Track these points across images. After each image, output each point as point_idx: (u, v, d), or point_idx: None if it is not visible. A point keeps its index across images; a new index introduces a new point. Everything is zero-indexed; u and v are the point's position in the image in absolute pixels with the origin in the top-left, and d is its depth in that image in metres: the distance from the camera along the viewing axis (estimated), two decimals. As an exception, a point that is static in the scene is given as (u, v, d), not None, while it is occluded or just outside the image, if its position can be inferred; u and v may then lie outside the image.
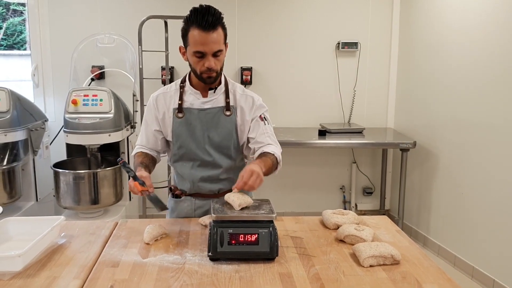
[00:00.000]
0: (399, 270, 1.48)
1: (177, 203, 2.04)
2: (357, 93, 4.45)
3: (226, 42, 1.81)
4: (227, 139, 1.91)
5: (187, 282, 1.37)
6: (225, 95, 1.92)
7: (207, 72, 1.77)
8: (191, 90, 1.91)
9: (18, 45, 6.94)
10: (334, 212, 1.88)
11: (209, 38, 1.70)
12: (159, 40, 3.79)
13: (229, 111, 1.91)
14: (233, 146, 1.93)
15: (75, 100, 3.33)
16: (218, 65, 1.78)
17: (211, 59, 1.75)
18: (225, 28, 1.78)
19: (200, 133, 1.90)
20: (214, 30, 1.70)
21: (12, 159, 3.44)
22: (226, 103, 1.91)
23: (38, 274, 1.41)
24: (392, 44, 4.40)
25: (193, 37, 1.72)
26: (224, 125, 1.90)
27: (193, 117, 1.89)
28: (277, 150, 1.90)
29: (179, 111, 1.90)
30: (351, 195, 4.59)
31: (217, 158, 1.92)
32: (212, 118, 1.89)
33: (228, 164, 1.94)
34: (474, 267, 3.28)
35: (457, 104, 3.46)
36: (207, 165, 1.93)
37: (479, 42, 3.21)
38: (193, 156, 1.93)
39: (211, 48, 1.73)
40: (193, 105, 1.90)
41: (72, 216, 3.42)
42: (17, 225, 1.68)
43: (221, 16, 1.74)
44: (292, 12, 4.32)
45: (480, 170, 3.23)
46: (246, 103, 1.94)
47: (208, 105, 1.91)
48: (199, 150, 1.91)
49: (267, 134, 1.93)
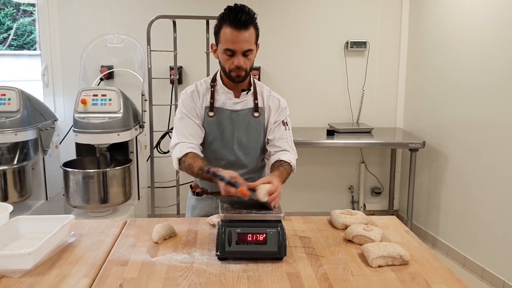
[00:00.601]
0: (407, 270, 1.47)
1: (198, 201, 2.05)
2: (366, 93, 4.43)
3: (258, 42, 1.82)
4: (255, 140, 1.93)
5: (195, 281, 1.38)
6: (253, 96, 1.93)
7: (236, 70, 1.79)
8: (223, 89, 1.92)
9: (28, 45, 6.99)
10: (342, 212, 1.88)
11: (240, 36, 1.72)
12: (167, 40, 3.80)
13: (258, 112, 1.92)
14: (259, 148, 1.96)
15: (84, 100, 3.35)
16: (247, 64, 1.80)
17: (241, 57, 1.76)
18: (258, 28, 1.79)
19: (229, 134, 1.91)
20: (246, 29, 1.72)
21: (22, 158, 3.47)
22: (254, 105, 1.93)
23: (48, 272, 1.42)
24: (401, 43, 4.38)
25: (225, 35, 1.74)
26: (253, 127, 1.92)
27: (225, 117, 1.90)
28: (293, 158, 1.92)
29: (210, 110, 1.90)
30: (360, 195, 4.57)
31: (243, 158, 1.94)
32: (242, 120, 1.91)
33: (252, 165, 1.97)
34: (484, 268, 3.25)
35: (467, 103, 3.43)
36: (232, 165, 1.93)
37: (489, 40, 3.19)
38: (219, 156, 1.93)
39: (242, 46, 1.74)
40: (225, 105, 1.91)
41: (81, 215, 3.44)
42: (27, 224, 1.69)
43: (255, 16, 1.76)
44: (300, 12, 4.31)
45: (490, 170, 3.20)
46: (273, 105, 1.96)
47: (239, 106, 1.92)
48: (226, 150, 1.92)
49: (285, 140, 1.95)
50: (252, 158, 1.95)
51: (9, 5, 6.81)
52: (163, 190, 4.17)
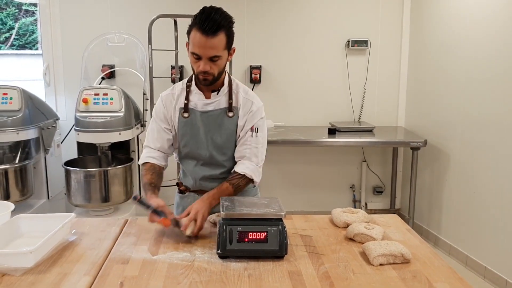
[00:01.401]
0: (409, 269, 1.46)
1: (182, 198, 2.09)
2: (367, 92, 4.42)
3: (233, 47, 1.80)
4: (230, 140, 1.93)
5: (196, 279, 1.37)
6: (228, 96, 1.92)
7: (203, 74, 1.77)
8: (196, 90, 1.92)
9: (30, 45, 7.01)
10: (343, 211, 1.87)
11: (208, 42, 1.69)
12: (168, 39, 3.80)
13: (232, 112, 1.90)
14: (235, 147, 1.95)
15: (86, 99, 3.35)
16: (214, 69, 1.77)
17: (207, 62, 1.74)
18: (231, 34, 1.75)
19: (203, 135, 1.91)
20: (215, 35, 1.68)
21: (24, 157, 3.48)
22: (228, 104, 1.91)
23: (49, 270, 1.43)
24: (403, 41, 4.37)
25: (193, 38, 1.72)
26: (227, 127, 1.91)
27: (197, 119, 1.91)
28: (249, 167, 1.89)
29: (185, 111, 1.91)
30: (361, 194, 4.57)
31: (219, 158, 1.94)
32: (214, 120, 1.90)
33: (230, 164, 1.96)
34: (486, 267, 3.25)
35: (469, 102, 3.43)
36: (209, 164, 1.95)
37: (491, 38, 3.18)
38: (196, 156, 1.95)
39: (207, 52, 1.72)
40: (197, 106, 1.91)
41: (83, 213, 3.45)
42: (29, 222, 1.69)
43: (229, 21, 1.73)
44: (301, 10, 4.31)
45: (492, 168, 3.20)
46: (245, 107, 1.92)
47: (210, 107, 1.91)
48: (202, 150, 1.93)
49: (249, 146, 1.91)
50: (228, 157, 1.94)
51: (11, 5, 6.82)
52: (164, 189, 4.10)
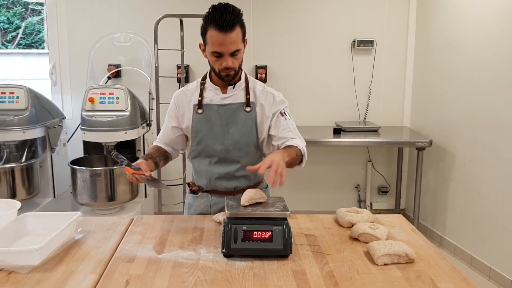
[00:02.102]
0: (413, 268, 1.47)
1: (194, 199, 2.06)
2: (373, 92, 4.42)
3: (245, 38, 1.82)
4: (247, 135, 1.92)
5: (201, 278, 1.38)
6: (245, 91, 1.93)
7: (225, 70, 1.79)
8: (211, 87, 1.93)
9: (36, 44, 7.05)
10: (348, 211, 1.88)
11: (227, 39, 1.71)
12: (174, 39, 3.81)
13: (249, 107, 1.91)
14: (252, 143, 1.93)
15: (92, 98, 3.37)
16: (236, 63, 1.80)
17: (229, 58, 1.77)
18: (244, 26, 1.78)
19: (219, 129, 1.91)
20: (232, 30, 1.71)
21: (31, 156, 3.50)
22: (246, 99, 1.92)
23: (55, 268, 1.44)
24: (409, 41, 4.36)
25: (211, 38, 1.73)
26: (244, 121, 1.91)
27: (213, 112, 1.91)
28: (300, 143, 1.87)
29: (199, 107, 1.92)
30: (366, 194, 4.56)
31: (235, 154, 1.92)
32: (232, 114, 1.90)
33: (246, 161, 1.94)
34: (491, 268, 3.24)
35: (474, 102, 3.41)
36: (224, 161, 1.94)
37: (497, 38, 3.17)
38: (211, 152, 1.93)
39: (229, 48, 1.74)
40: (213, 101, 1.92)
41: (88, 212, 3.46)
42: (35, 220, 1.71)
43: (240, 14, 1.75)
44: (307, 10, 4.31)
45: (498, 169, 3.18)
46: (267, 100, 1.94)
47: (227, 100, 1.92)
48: (218, 145, 1.91)
49: (289, 129, 1.91)
50: (244, 153, 1.94)
51: (18, 4, 6.86)
52: (170, 188, 4.19)
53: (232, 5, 1.74)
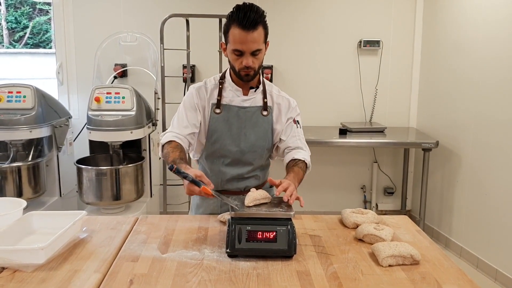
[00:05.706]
0: (418, 270, 1.46)
1: (203, 199, 2.06)
2: (379, 92, 4.40)
3: (267, 40, 1.83)
4: (263, 139, 1.93)
5: (205, 278, 1.38)
6: (262, 95, 1.94)
7: (245, 70, 1.80)
8: (232, 87, 1.93)
9: (43, 44, 7.09)
10: (353, 211, 1.87)
11: (249, 37, 1.72)
12: (180, 39, 3.82)
13: (266, 111, 1.93)
14: (266, 147, 1.96)
15: (98, 98, 3.38)
16: (256, 63, 1.80)
17: (249, 57, 1.77)
18: (267, 27, 1.79)
19: (236, 131, 1.91)
20: (255, 29, 1.72)
21: (37, 155, 3.52)
22: (263, 103, 1.93)
23: (60, 267, 1.44)
24: (415, 42, 4.34)
25: (233, 35, 1.74)
26: (261, 125, 1.92)
27: (232, 114, 1.91)
28: (307, 155, 1.93)
29: (217, 107, 1.91)
30: (372, 195, 4.54)
31: (249, 157, 1.94)
32: (250, 117, 1.91)
33: (258, 163, 1.97)
34: (498, 270, 3.21)
35: (481, 103, 3.39)
36: (237, 163, 1.94)
37: (504, 39, 3.14)
38: (225, 153, 1.93)
39: (250, 47, 1.74)
40: (233, 102, 1.92)
41: (94, 211, 3.47)
42: (41, 219, 1.71)
43: (264, 14, 1.76)
44: (313, 10, 4.30)
45: (505, 170, 3.16)
46: (283, 105, 1.97)
47: (247, 103, 1.92)
48: (233, 147, 1.92)
49: (298, 137, 1.97)
50: (258, 156, 1.95)
51: (25, 4, 6.90)
52: (175, 187, 4.19)
53: (256, 5, 1.75)
